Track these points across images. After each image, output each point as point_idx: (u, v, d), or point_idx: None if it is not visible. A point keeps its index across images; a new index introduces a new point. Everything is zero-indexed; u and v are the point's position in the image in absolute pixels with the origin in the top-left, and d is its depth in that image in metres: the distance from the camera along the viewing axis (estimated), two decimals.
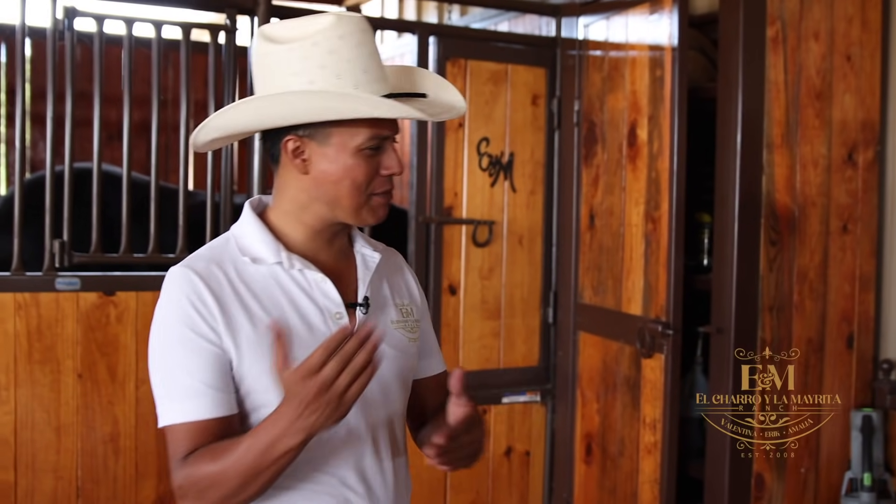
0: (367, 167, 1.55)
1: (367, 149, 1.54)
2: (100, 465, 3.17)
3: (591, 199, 3.68)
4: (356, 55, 1.52)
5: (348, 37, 1.52)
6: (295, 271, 1.59)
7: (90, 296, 3.14)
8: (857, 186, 3.31)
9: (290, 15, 3.49)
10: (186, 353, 1.50)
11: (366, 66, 1.53)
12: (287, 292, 1.58)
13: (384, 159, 1.57)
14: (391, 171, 1.57)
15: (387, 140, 1.57)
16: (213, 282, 1.54)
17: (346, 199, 1.57)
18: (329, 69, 1.51)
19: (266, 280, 1.58)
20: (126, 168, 3.23)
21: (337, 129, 1.54)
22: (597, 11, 3.64)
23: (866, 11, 3.28)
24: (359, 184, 1.55)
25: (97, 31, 3.17)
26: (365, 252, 1.69)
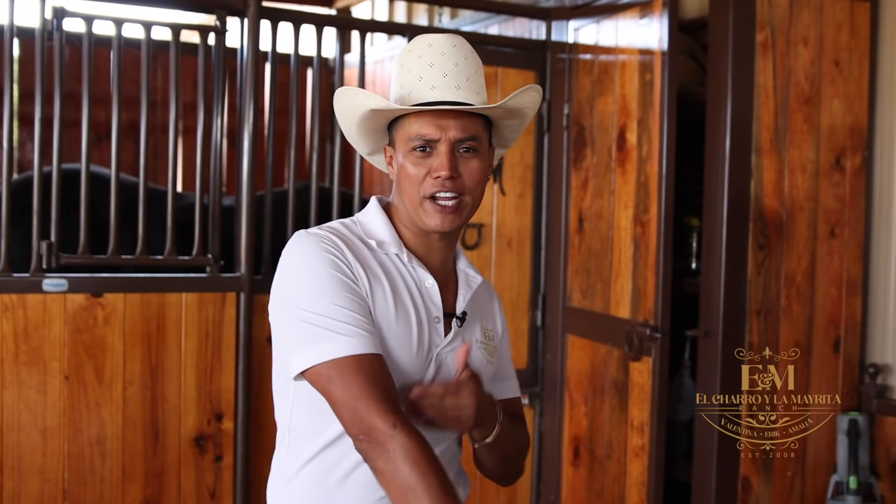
0: (417, 167, 1.64)
1: (415, 149, 1.64)
2: (86, 468, 3.16)
3: (580, 202, 3.69)
4: (416, 65, 1.66)
5: (415, 51, 1.67)
6: (411, 266, 1.70)
7: (77, 297, 3.13)
8: (844, 191, 3.32)
9: (280, 17, 3.48)
10: (344, 294, 1.57)
11: (422, 74, 1.65)
12: (404, 281, 1.68)
13: (434, 162, 1.63)
14: (437, 172, 1.62)
15: (436, 142, 1.63)
16: (349, 244, 1.65)
17: (407, 199, 1.67)
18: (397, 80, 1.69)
19: (389, 266, 1.68)
20: (114, 169, 3.22)
21: (397, 134, 1.68)
22: (587, 15, 3.65)
23: (855, 17, 3.30)
24: (410, 183, 1.65)
25: (86, 31, 3.16)
26: (469, 272, 1.79)
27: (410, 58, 1.67)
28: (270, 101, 3.47)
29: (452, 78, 1.64)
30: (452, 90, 1.63)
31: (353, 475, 1.64)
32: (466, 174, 1.64)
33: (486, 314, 1.83)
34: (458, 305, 1.74)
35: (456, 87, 1.64)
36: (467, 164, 1.65)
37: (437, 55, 1.65)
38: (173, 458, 3.29)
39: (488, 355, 1.78)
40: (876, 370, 3.30)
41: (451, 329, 1.71)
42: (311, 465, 1.68)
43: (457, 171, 1.63)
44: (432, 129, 1.62)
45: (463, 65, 1.65)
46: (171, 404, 3.28)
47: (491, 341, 1.80)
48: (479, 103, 1.66)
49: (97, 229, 3.27)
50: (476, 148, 1.66)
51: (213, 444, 3.34)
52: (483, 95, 1.68)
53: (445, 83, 1.63)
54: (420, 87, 1.64)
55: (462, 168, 1.64)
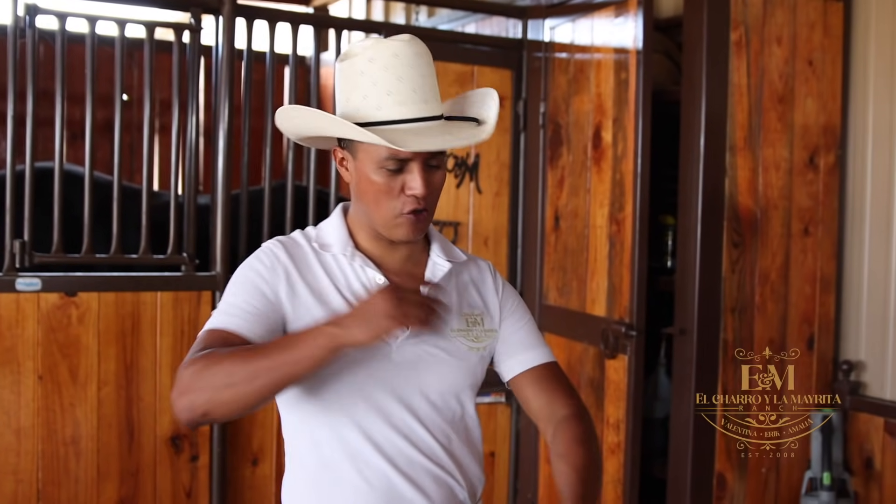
0: (389, 184, 1.60)
1: (386, 168, 1.59)
2: (61, 468, 3.14)
3: (556, 200, 3.70)
4: (382, 77, 1.58)
5: (378, 60, 1.59)
6: (356, 266, 1.68)
7: (51, 296, 3.11)
8: (818, 189, 3.34)
9: (255, 15, 3.47)
10: (246, 293, 1.61)
11: (391, 88, 1.58)
12: (349, 283, 1.68)
13: (408, 179, 1.60)
14: (413, 192, 1.60)
15: (410, 161, 1.59)
16: (294, 251, 1.68)
17: (374, 212, 1.65)
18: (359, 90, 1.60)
19: (333, 267, 1.69)
20: (88, 167, 3.20)
21: (362, 148, 1.62)
22: (563, 14, 3.66)
23: (828, 17, 3.32)
24: (380, 199, 1.62)
25: (59, 28, 3.13)
26: (437, 261, 1.75)
27: (374, 68, 1.59)
28: (245, 100, 3.46)
29: (421, 92, 1.60)
30: (422, 105, 1.60)
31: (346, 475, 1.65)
32: (432, 186, 1.64)
33: (468, 299, 1.79)
34: None
35: (424, 101, 1.60)
36: (433, 177, 1.64)
37: (406, 67, 1.59)
38: (149, 458, 3.27)
39: (471, 341, 1.75)
40: (849, 367, 3.32)
41: None
42: (307, 465, 1.69)
43: (430, 186, 1.63)
44: (408, 152, 1.58)
45: (427, 74, 1.62)
46: (147, 403, 3.26)
47: (476, 326, 1.77)
48: (441, 112, 1.64)
49: (71, 228, 3.25)
50: (442, 160, 1.66)
51: (188, 443, 3.33)
52: (440, 102, 1.66)
53: (415, 99, 1.59)
54: (390, 104, 1.58)
55: (429, 180, 1.63)
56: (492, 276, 1.85)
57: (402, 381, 1.67)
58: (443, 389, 1.71)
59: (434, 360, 1.70)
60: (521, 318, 1.85)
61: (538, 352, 1.83)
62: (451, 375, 1.72)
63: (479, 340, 1.77)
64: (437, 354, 1.70)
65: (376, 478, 1.64)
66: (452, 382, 1.72)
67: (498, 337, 1.81)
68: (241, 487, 3.46)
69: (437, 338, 1.70)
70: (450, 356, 1.72)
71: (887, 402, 3.23)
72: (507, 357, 1.82)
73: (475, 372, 1.77)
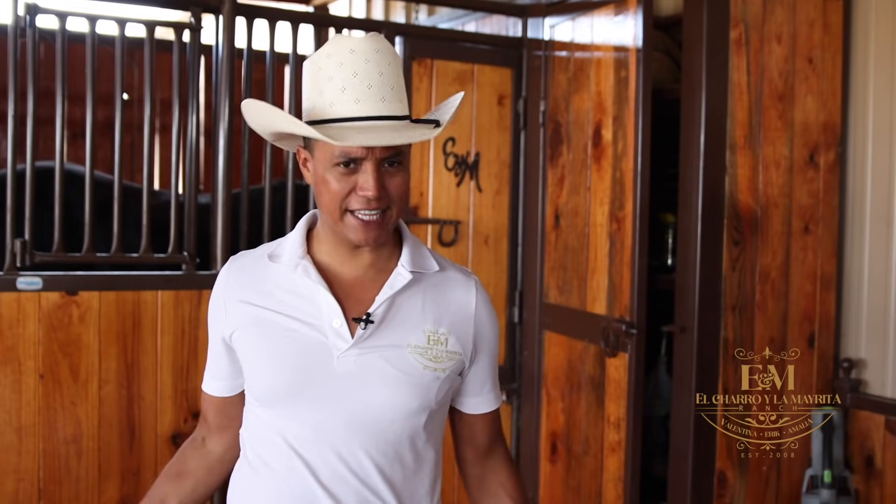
0: (341, 183, 1.55)
1: (339, 165, 1.54)
2: (62, 467, 3.14)
3: (556, 199, 3.70)
4: (338, 73, 1.53)
5: (335, 55, 1.54)
6: (297, 274, 1.65)
7: (52, 295, 3.11)
8: (818, 187, 3.35)
9: (255, 14, 3.47)
10: (211, 344, 1.78)
11: (346, 84, 1.53)
12: (298, 293, 1.65)
13: (361, 179, 1.55)
14: (363, 192, 1.54)
15: (363, 161, 1.54)
16: (240, 274, 1.71)
17: (327, 211, 1.60)
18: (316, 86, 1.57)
19: (282, 279, 1.67)
20: (89, 167, 3.20)
21: (318, 146, 1.57)
22: (563, 12, 3.66)
23: (828, 15, 3.32)
24: (331, 197, 1.57)
25: (59, 28, 3.14)
26: (401, 271, 1.66)
27: (330, 63, 1.54)
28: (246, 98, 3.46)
29: (377, 89, 1.53)
30: (378, 103, 1.53)
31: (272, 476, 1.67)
32: (392, 187, 1.57)
33: (436, 316, 1.68)
34: (373, 307, 1.63)
35: (381, 98, 1.53)
36: (392, 179, 1.57)
37: (361, 63, 1.53)
38: (149, 457, 3.28)
39: (429, 360, 1.64)
40: (850, 365, 3.32)
41: (356, 332, 1.62)
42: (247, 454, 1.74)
43: (383, 188, 1.56)
44: (357, 150, 1.53)
45: (387, 72, 1.55)
46: (148, 402, 3.27)
47: (438, 345, 1.66)
48: (403, 113, 1.57)
49: (72, 227, 3.26)
50: (401, 161, 1.58)
51: None
52: (405, 102, 1.59)
53: (371, 95, 1.52)
54: (343, 100, 1.53)
55: (387, 183, 1.56)
56: (475, 298, 1.73)
57: (340, 394, 1.61)
58: (385, 408, 1.62)
59: (379, 375, 1.62)
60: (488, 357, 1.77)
61: (492, 396, 1.81)
62: (396, 393, 1.62)
63: (437, 361, 1.66)
64: (383, 368, 1.62)
65: (299, 487, 1.63)
66: (397, 402, 1.62)
67: (464, 362, 1.72)
68: None
69: (388, 349, 1.63)
70: (398, 371, 1.62)
71: (888, 400, 3.23)
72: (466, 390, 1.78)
73: (427, 393, 1.64)
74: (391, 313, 1.65)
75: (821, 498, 3.18)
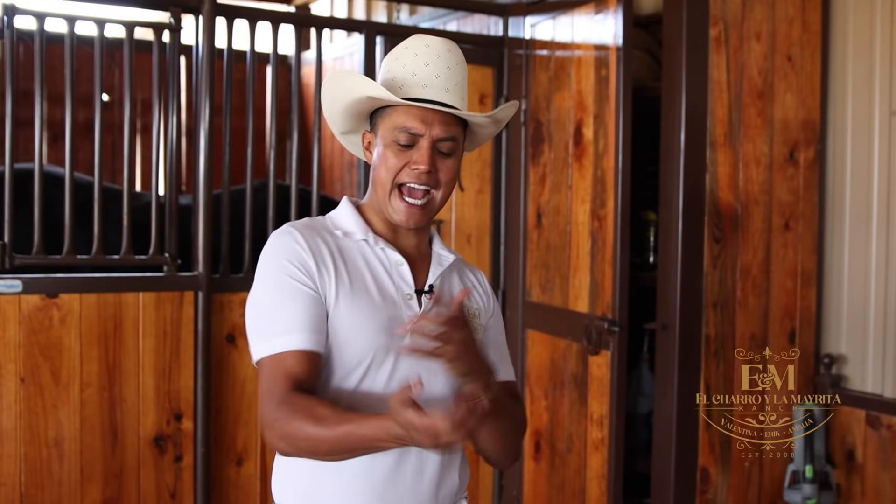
0: (398, 157, 1.72)
1: (398, 141, 1.71)
2: (44, 470, 3.13)
3: (538, 197, 3.70)
4: (411, 62, 1.73)
5: (412, 48, 1.75)
6: (378, 249, 1.78)
7: (32, 298, 3.09)
8: (798, 184, 3.36)
9: (235, 14, 3.46)
10: (284, 299, 1.69)
11: (416, 71, 1.72)
12: (370, 265, 1.76)
13: (415, 154, 1.71)
14: (416, 165, 1.71)
15: (420, 138, 1.71)
16: (311, 240, 1.74)
17: (380, 186, 1.75)
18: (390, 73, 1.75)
19: (354, 252, 1.77)
20: (69, 168, 3.18)
21: (382, 122, 1.75)
22: (543, 11, 3.67)
23: (806, 13, 3.34)
24: (387, 169, 1.73)
25: (38, 29, 3.12)
26: (441, 252, 1.86)
27: (407, 54, 1.74)
28: (227, 99, 3.45)
29: (444, 80, 1.73)
30: (442, 92, 1.72)
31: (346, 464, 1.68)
32: (442, 170, 1.74)
33: (472, 293, 1.89)
34: (428, 281, 1.81)
35: (446, 89, 1.73)
36: (444, 162, 1.74)
37: (433, 56, 1.73)
38: (132, 459, 3.26)
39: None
40: (831, 360, 3.34)
41: (422, 304, 1.77)
42: None
43: (434, 166, 1.72)
44: (418, 124, 1.70)
45: (455, 70, 1.75)
46: (130, 405, 3.25)
47: (475, 319, 1.84)
48: (463, 109, 1.76)
49: (52, 229, 3.24)
50: (454, 149, 1.75)
51: (172, 444, 3.32)
52: (465, 100, 1.78)
53: (437, 84, 1.72)
54: (412, 84, 1.72)
55: (439, 164, 1.73)
56: (484, 282, 1.95)
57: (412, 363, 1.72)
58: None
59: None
60: (501, 329, 1.94)
61: (506, 368, 1.89)
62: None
63: (475, 333, 1.81)
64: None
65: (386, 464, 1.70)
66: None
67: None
68: (226, 487, 3.45)
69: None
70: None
71: (868, 395, 3.25)
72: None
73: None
74: (442, 289, 1.83)
75: (803, 493, 3.20)
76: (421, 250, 1.85)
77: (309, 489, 1.72)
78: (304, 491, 1.72)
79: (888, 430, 3.18)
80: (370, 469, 1.69)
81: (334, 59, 5.15)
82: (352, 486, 1.70)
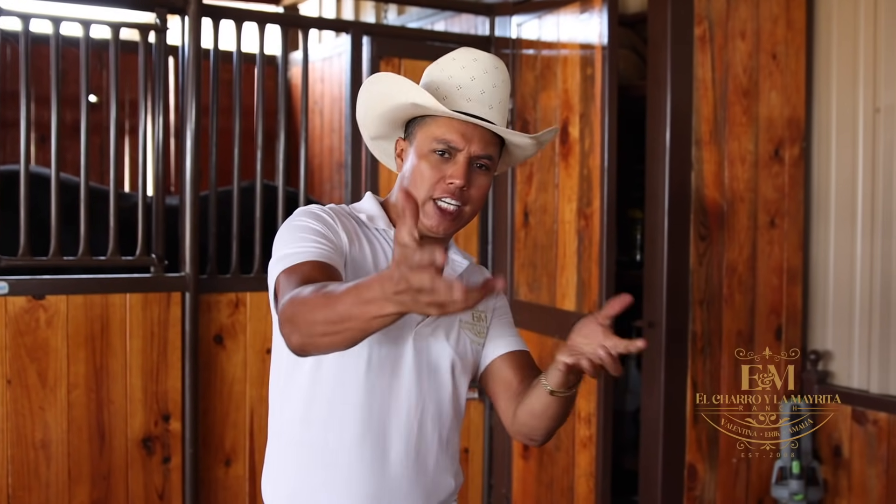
0: (434, 170, 1.69)
1: (435, 152, 1.69)
2: (31, 472, 3.12)
3: (525, 196, 3.71)
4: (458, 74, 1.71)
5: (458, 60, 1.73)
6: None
7: (19, 300, 3.09)
8: (783, 182, 3.38)
9: (222, 15, 3.46)
10: (312, 233, 1.65)
11: (461, 83, 1.70)
12: (383, 255, 1.75)
13: (451, 168, 1.68)
14: (451, 179, 1.67)
15: (458, 152, 1.68)
16: (340, 216, 1.73)
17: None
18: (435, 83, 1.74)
19: (371, 239, 1.76)
20: (54, 169, 3.18)
21: (420, 131, 1.72)
22: (529, 11, 3.67)
23: (791, 11, 3.36)
24: (422, 181, 1.69)
25: (23, 30, 3.11)
26: (455, 258, 1.85)
27: (454, 66, 1.72)
28: (213, 100, 3.45)
29: (489, 97, 1.71)
30: (486, 108, 1.70)
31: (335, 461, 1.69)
32: (475, 187, 1.71)
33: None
34: None
35: (490, 106, 1.71)
36: (477, 179, 1.71)
37: (480, 71, 1.71)
38: (120, 461, 3.26)
39: (475, 335, 1.83)
40: (817, 357, 3.36)
41: None
42: (296, 450, 1.73)
43: (469, 182, 1.69)
44: (458, 138, 1.68)
45: (500, 87, 1.73)
46: (117, 406, 3.25)
47: (480, 322, 1.85)
48: (502, 124, 1.74)
49: (39, 231, 3.23)
50: (489, 166, 1.72)
51: (160, 445, 3.32)
52: (506, 118, 1.76)
53: (482, 99, 1.70)
54: (457, 96, 1.70)
55: (473, 180, 1.70)
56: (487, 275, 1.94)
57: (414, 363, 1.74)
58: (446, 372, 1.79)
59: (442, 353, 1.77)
60: (504, 315, 1.92)
61: (518, 339, 1.89)
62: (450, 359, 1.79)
63: (480, 335, 1.85)
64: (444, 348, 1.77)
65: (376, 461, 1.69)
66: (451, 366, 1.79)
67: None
68: (215, 488, 3.45)
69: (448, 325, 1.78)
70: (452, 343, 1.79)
71: (854, 391, 3.27)
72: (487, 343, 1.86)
73: (474, 365, 1.86)
74: None
75: (790, 489, 3.22)
76: None
77: (299, 487, 1.72)
78: (294, 489, 1.72)
79: (874, 426, 3.19)
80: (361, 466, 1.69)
81: (322, 60, 5.15)
82: (342, 485, 1.69)
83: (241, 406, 3.48)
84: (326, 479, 1.70)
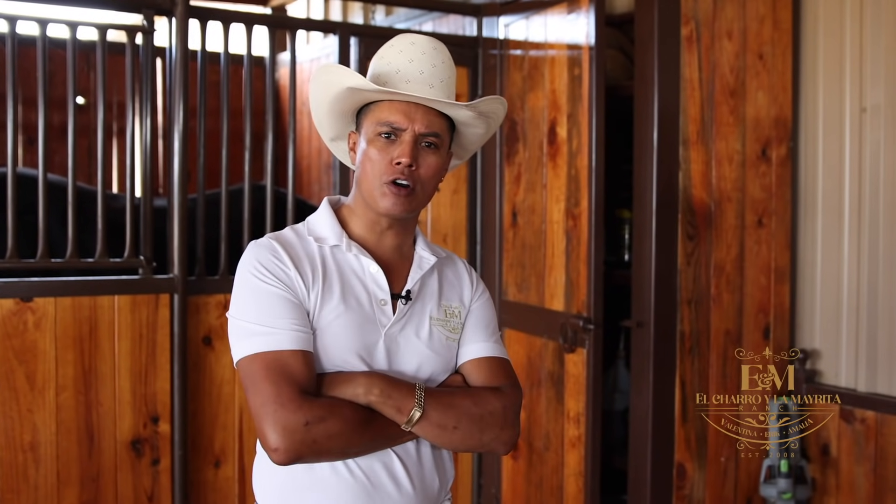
0: (381, 153, 1.71)
1: (381, 135, 1.71)
2: (20, 475, 3.11)
3: (513, 196, 3.72)
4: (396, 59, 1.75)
5: (396, 45, 1.76)
6: (351, 255, 1.78)
7: (6, 302, 3.08)
8: (771, 181, 3.39)
9: (209, 16, 3.46)
10: (277, 307, 1.67)
11: (400, 67, 1.74)
12: (342, 273, 1.76)
13: (396, 149, 1.71)
14: (398, 158, 1.69)
15: (403, 132, 1.71)
16: (290, 248, 1.75)
17: (366, 184, 1.74)
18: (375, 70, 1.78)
19: (327, 258, 1.77)
20: (42, 171, 3.17)
21: (366, 120, 1.75)
22: (517, 11, 3.68)
23: (777, 11, 3.37)
24: (371, 166, 1.72)
25: (9, 31, 3.11)
26: (423, 254, 1.86)
27: (391, 51, 1.76)
28: (201, 101, 3.45)
29: (428, 76, 1.73)
30: (426, 88, 1.72)
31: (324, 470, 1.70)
32: (424, 166, 1.72)
33: (448, 293, 1.88)
34: (407, 285, 1.81)
35: (430, 85, 1.73)
36: (426, 158, 1.73)
37: (418, 53, 1.74)
38: (109, 463, 3.25)
39: (449, 331, 1.84)
40: (805, 356, 3.37)
41: (397, 309, 1.77)
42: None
43: (416, 161, 1.71)
44: (400, 118, 1.70)
45: (440, 67, 1.75)
46: (106, 408, 3.24)
47: (453, 318, 1.86)
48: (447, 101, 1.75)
49: (27, 233, 3.22)
50: (437, 144, 1.74)
51: (149, 447, 3.31)
52: (452, 100, 1.77)
53: (421, 80, 1.72)
54: (396, 79, 1.72)
55: (421, 160, 1.72)
56: (469, 275, 1.95)
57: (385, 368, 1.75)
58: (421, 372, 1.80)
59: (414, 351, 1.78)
60: (481, 314, 1.91)
61: (488, 345, 1.87)
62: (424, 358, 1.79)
63: (454, 332, 1.86)
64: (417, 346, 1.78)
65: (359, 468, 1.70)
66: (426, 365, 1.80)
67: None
68: (204, 490, 3.45)
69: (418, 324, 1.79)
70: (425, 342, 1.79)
71: (842, 390, 3.28)
72: (460, 344, 1.87)
73: (449, 363, 1.85)
74: (420, 291, 1.83)
75: (778, 487, 3.23)
76: (403, 252, 1.84)
77: (290, 487, 1.72)
78: (286, 489, 1.73)
79: (862, 424, 3.21)
80: (352, 467, 1.70)
81: (311, 61, 5.15)
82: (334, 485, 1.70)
83: (230, 407, 3.47)
84: (321, 481, 1.70)
